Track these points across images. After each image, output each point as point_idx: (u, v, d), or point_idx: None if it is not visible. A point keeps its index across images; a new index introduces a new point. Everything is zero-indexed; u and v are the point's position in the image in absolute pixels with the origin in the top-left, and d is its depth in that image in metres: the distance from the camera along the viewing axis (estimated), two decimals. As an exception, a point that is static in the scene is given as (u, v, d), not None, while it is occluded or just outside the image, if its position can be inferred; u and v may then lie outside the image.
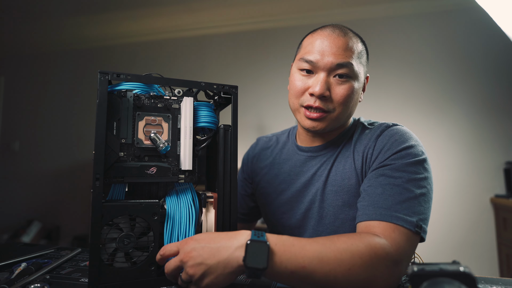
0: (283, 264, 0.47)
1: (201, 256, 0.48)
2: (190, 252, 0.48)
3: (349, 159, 0.71)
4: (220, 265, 0.47)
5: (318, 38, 0.69)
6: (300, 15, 2.70)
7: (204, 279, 0.47)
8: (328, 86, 0.67)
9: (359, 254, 0.50)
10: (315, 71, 0.69)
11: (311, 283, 0.49)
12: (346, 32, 0.69)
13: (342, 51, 0.67)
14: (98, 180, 0.51)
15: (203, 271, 0.47)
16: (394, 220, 0.55)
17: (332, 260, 0.49)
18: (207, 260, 0.47)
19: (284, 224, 0.79)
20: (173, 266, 0.50)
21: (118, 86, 0.57)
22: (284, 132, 0.91)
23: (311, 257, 0.48)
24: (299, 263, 0.48)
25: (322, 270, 0.48)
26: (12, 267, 0.62)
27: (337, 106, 0.68)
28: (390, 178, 0.60)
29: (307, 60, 0.68)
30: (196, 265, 0.47)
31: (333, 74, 0.68)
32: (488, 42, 2.34)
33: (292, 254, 0.48)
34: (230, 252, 0.47)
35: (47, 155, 3.25)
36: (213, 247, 0.48)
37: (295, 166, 0.79)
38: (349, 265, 0.49)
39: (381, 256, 0.51)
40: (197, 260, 0.47)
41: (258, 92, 2.77)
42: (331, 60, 0.66)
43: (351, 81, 0.68)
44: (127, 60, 3.16)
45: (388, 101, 2.50)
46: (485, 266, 2.21)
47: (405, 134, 0.66)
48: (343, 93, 0.67)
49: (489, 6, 0.99)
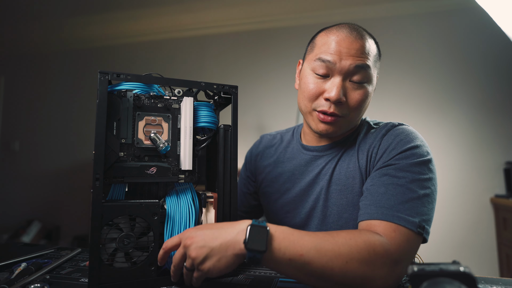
0: (281, 251, 0.48)
1: (204, 239, 0.49)
2: (192, 237, 0.50)
3: (354, 158, 0.71)
4: (223, 247, 0.48)
5: (334, 38, 0.66)
6: (300, 15, 2.70)
7: (206, 261, 0.48)
8: (344, 92, 0.66)
9: (357, 248, 0.50)
10: (331, 74, 0.66)
11: (308, 273, 0.49)
12: (363, 34, 0.67)
13: (360, 54, 0.65)
14: (98, 180, 0.51)
15: (206, 253, 0.48)
16: (396, 220, 0.55)
17: (329, 251, 0.49)
18: (209, 242, 0.48)
19: (287, 223, 0.79)
20: (178, 256, 0.51)
21: (118, 86, 0.57)
22: (288, 130, 0.91)
23: (309, 247, 0.49)
24: (297, 251, 0.48)
25: (320, 260, 0.49)
26: (12, 267, 0.62)
27: (351, 111, 0.67)
28: (394, 178, 0.60)
29: (325, 59, 0.65)
30: (199, 248, 0.48)
31: (349, 78, 0.66)
32: (488, 42, 2.34)
33: (291, 241, 0.49)
34: (232, 236, 0.48)
35: (47, 155, 3.25)
36: (215, 231, 0.50)
37: (299, 166, 0.79)
38: (347, 259, 0.49)
39: (379, 254, 0.51)
40: (200, 243, 0.49)
41: (258, 92, 2.77)
42: (349, 62, 0.64)
43: (366, 86, 0.67)
44: (127, 60, 3.16)
45: (388, 101, 2.50)
46: (485, 266, 2.21)
47: (411, 134, 0.66)
48: (358, 98, 0.66)
49: (489, 6, 0.99)
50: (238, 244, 0.48)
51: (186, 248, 0.50)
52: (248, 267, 0.65)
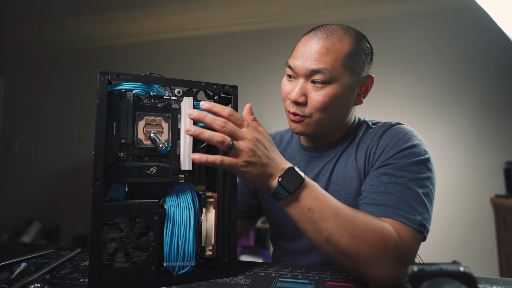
0: (305, 199, 0.53)
1: (259, 158, 0.53)
2: (250, 139, 0.53)
3: (351, 158, 0.71)
4: (267, 166, 0.54)
5: (302, 42, 0.70)
6: (300, 15, 2.70)
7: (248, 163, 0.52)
8: (304, 92, 0.67)
9: (372, 231, 0.52)
10: (296, 77, 0.69)
11: (318, 229, 0.52)
12: (330, 34, 0.66)
13: (319, 56, 0.65)
14: (98, 180, 0.51)
15: (253, 158, 0.52)
16: (398, 217, 0.55)
17: (346, 220, 0.52)
18: (263, 156, 0.53)
19: (286, 224, 0.79)
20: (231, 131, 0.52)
21: (118, 86, 0.57)
22: (288, 130, 0.91)
23: (331, 206, 0.53)
24: (318, 204, 0.52)
25: (335, 222, 0.51)
26: (12, 267, 0.62)
27: (314, 111, 0.67)
28: (393, 177, 0.60)
29: (289, 65, 0.70)
30: (250, 156, 0.52)
31: (310, 79, 0.67)
32: (488, 42, 2.34)
33: (318, 195, 0.53)
34: (278, 166, 0.55)
35: (47, 155, 3.25)
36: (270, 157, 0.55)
37: (299, 166, 0.79)
38: (358, 233, 0.51)
39: (390, 246, 0.51)
40: (258, 149, 0.53)
41: (258, 92, 2.77)
42: (306, 65, 0.66)
43: (329, 87, 0.66)
44: (127, 60, 3.16)
45: (388, 101, 2.50)
46: (485, 266, 2.21)
47: (409, 133, 0.66)
48: (319, 99, 0.66)
49: (489, 6, 0.99)
50: (277, 173, 0.54)
51: (249, 142, 0.52)
52: (248, 266, 0.65)
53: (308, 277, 0.60)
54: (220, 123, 0.52)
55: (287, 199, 0.54)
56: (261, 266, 0.66)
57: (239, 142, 0.52)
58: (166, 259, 0.55)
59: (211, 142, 0.51)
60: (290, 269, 0.64)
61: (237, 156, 0.52)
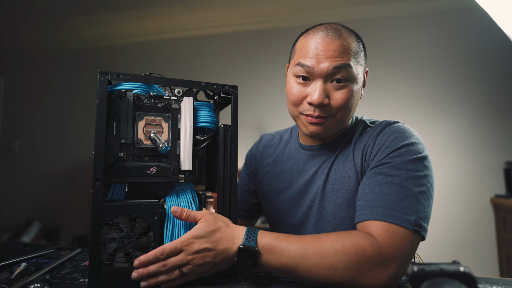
0: (268, 262, 0.55)
1: (211, 261, 0.55)
2: (195, 258, 0.54)
3: (349, 157, 0.71)
4: (220, 261, 0.55)
5: (311, 41, 0.67)
6: (300, 15, 2.70)
7: (205, 268, 0.55)
8: (326, 94, 0.66)
9: (344, 252, 0.52)
10: (312, 78, 0.67)
11: (295, 277, 0.55)
12: (340, 33, 0.66)
13: (338, 54, 0.64)
14: (98, 180, 0.51)
15: (208, 264, 0.55)
16: (391, 219, 0.55)
17: (313, 257, 0.53)
18: (211, 257, 0.54)
19: (285, 222, 0.79)
20: (177, 261, 0.54)
21: (118, 86, 0.57)
22: (287, 130, 0.91)
23: (294, 255, 0.54)
24: (282, 260, 0.54)
25: (304, 266, 0.53)
26: (12, 267, 0.62)
27: (338, 110, 0.67)
28: (388, 177, 0.60)
29: (303, 64, 0.66)
30: (204, 266, 0.54)
31: (330, 79, 0.66)
32: (488, 42, 2.34)
33: (276, 253, 0.54)
34: (232, 254, 0.55)
35: (47, 155, 3.25)
36: (219, 252, 0.55)
37: (297, 165, 0.79)
38: (331, 262, 0.52)
39: (368, 256, 0.51)
40: (207, 265, 0.55)
41: (258, 92, 2.77)
42: (327, 64, 0.64)
43: (349, 84, 0.66)
44: (127, 60, 3.16)
45: (388, 101, 2.49)
46: (485, 266, 2.21)
47: (406, 131, 0.65)
48: (342, 97, 0.66)
49: (489, 6, 0.99)
50: (231, 259, 0.55)
51: (190, 257, 0.53)
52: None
53: (308, 277, 0.60)
54: (162, 268, 0.53)
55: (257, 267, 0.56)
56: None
57: (186, 268, 0.54)
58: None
59: (169, 286, 0.55)
60: (290, 269, 0.64)
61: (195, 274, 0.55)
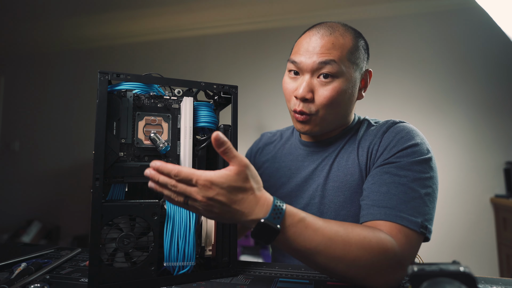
0: (287, 243, 0.48)
1: (218, 213, 0.47)
2: (205, 202, 0.46)
3: (352, 155, 0.71)
4: (226, 217, 0.47)
5: (304, 38, 0.69)
6: (300, 15, 2.70)
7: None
8: (311, 88, 0.66)
9: (369, 249, 0.50)
10: (301, 73, 0.68)
11: (312, 262, 0.50)
12: (333, 30, 0.67)
13: (326, 50, 0.65)
14: (98, 180, 0.51)
15: (212, 215, 0.47)
16: (399, 220, 0.55)
17: (338, 249, 0.49)
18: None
19: None
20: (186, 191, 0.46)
21: (118, 86, 0.57)
22: (289, 128, 0.91)
23: (318, 242, 0.49)
24: (304, 243, 0.48)
25: (326, 256, 0.49)
26: (12, 267, 0.62)
27: (320, 108, 0.67)
28: (395, 177, 0.60)
29: (293, 61, 0.69)
30: (208, 212, 0.47)
31: (317, 74, 0.66)
32: (488, 42, 2.34)
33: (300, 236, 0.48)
34: (245, 220, 0.47)
35: (47, 155, 3.25)
36: (232, 211, 0.47)
37: (296, 161, 0.79)
38: (354, 257, 0.50)
39: (389, 256, 0.51)
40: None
41: (258, 92, 2.77)
42: (313, 59, 0.65)
43: (336, 81, 0.66)
44: (127, 60, 3.16)
45: (388, 101, 2.49)
46: (485, 266, 2.21)
47: (411, 131, 0.65)
48: (327, 94, 0.66)
49: (489, 6, 0.99)
50: (249, 223, 0.47)
51: (199, 202, 0.46)
52: (248, 266, 0.65)
53: (308, 277, 0.60)
54: (171, 186, 0.47)
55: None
56: (261, 266, 0.66)
57: (192, 202, 0.47)
58: (166, 259, 0.55)
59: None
60: (290, 269, 0.64)
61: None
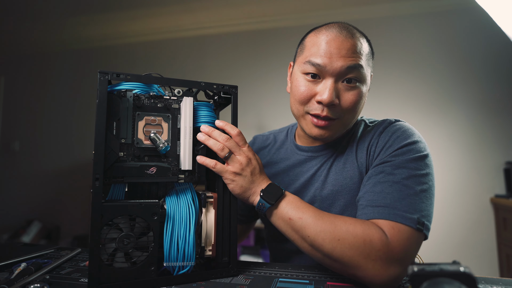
0: (285, 209, 0.58)
1: (246, 176, 0.60)
2: (247, 165, 0.60)
3: (351, 157, 0.70)
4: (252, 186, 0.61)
5: (324, 38, 0.64)
6: (300, 15, 2.70)
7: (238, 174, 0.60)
8: (337, 93, 0.64)
9: (353, 234, 0.53)
10: (322, 76, 0.64)
11: (301, 237, 0.56)
12: (353, 33, 0.65)
13: (351, 54, 0.63)
14: (98, 180, 0.51)
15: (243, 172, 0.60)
16: (393, 217, 0.54)
17: (326, 224, 0.55)
18: (246, 179, 0.60)
19: None
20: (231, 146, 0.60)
21: (118, 86, 0.57)
22: (282, 130, 0.89)
23: (310, 214, 0.56)
24: (298, 214, 0.57)
25: (315, 228, 0.55)
26: (12, 267, 0.62)
27: (345, 112, 0.65)
28: (390, 176, 0.59)
29: (314, 63, 0.64)
30: (239, 172, 0.60)
31: (342, 79, 0.64)
32: (488, 42, 2.34)
33: (297, 206, 0.58)
34: (259, 183, 0.61)
35: (47, 155, 3.25)
36: (256, 173, 0.62)
37: (294, 166, 0.78)
38: (340, 236, 0.53)
39: (376, 247, 0.51)
40: (239, 176, 0.60)
41: (258, 92, 2.77)
42: (341, 64, 0.62)
43: (359, 86, 0.65)
44: (127, 60, 3.16)
45: (388, 101, 2.49)
46: (485, 266, 2.21)
47: (408, 130, 0.65)
48: (352, 99, 0.64)
49: (489, 6, 0.99)
50: (259, 190, 0.60)
51: (242, 157, 0.60)
52: (248, 266, 0.65)
53: (308, 277, 0.60)
54: (224, 138, 0.60)
55: (270, 210, 0.59)
56: (261, 266, 0.66)
57: (235, 155, 0.60)
58: (166, 259, 0.55)
59: (213, 148, 0.59)
60: (290, 269, 0.64)
61: (229, 165, 0.60)
